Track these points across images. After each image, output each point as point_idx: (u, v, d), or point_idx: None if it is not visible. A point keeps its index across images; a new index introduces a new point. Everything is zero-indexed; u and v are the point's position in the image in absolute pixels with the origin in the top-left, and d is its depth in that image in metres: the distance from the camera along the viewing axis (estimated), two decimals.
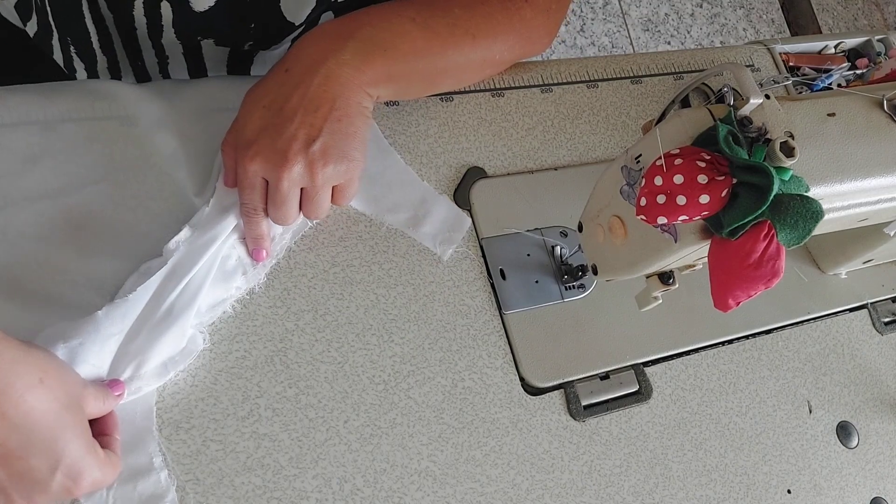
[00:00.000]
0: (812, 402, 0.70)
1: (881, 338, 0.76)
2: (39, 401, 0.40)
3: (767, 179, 0.39)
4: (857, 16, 2.48)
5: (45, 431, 0.40)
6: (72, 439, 0.41)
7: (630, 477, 0.60)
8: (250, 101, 0.54)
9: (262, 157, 0.51)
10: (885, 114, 0.48)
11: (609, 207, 0.52)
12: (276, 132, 0.52)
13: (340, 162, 0.53)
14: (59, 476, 0.41)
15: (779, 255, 0.41)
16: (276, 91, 0.53)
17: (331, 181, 0.53)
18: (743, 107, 0.43)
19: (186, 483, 0.48)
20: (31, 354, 0.41)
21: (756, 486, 0.64)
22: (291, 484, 0.51)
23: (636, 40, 2.06)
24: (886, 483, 0.70)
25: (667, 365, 0.66)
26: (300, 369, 0.54)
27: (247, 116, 0.53)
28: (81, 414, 0.43)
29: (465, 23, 0.59)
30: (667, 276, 0.53)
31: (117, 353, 0.48)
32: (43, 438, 0.40)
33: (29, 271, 0.50)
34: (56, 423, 0.40)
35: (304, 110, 0.52)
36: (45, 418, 0.40)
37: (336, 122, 0.52)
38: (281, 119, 0.52)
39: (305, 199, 0.54)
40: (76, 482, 0.41)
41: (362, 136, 0.54)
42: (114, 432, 0.46)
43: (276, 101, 0.53)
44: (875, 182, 0.46)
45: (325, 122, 0.52)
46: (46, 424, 0.40)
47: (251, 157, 0.51)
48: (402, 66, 0.57)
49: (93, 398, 0.44)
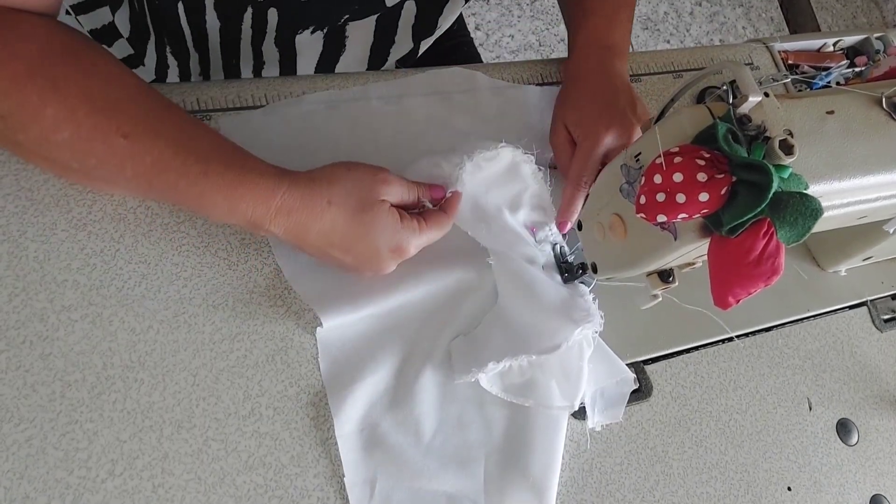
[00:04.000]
0: (812, 399, 0.70)
1: (881, 335, 0.76)
2: (335, 219, 0.50)
3: (767, 177, 0.39)
4: (856, 13, 2.48)
5: (352, 234, 0.51)
6: (377, 229, 0.51)
7: (630, 474, 0.60)
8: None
9: (617, 126, 0.61)
10: (884, 111, 0.48)
11: (609, 205, 0.52)
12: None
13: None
14: (384, 251, 0.52)
15: (778, 252, 0.41)
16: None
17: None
18: (742, 105, 0.43)
19: (188, 482, 0.49)
20: (315, 185, 0.50)
21: (756, 484, 0.64)
22: (293, 483, 0.51)
23: (635, 39, 2.06)
24: (886, 480, 0.70)
25: (667, 363, 0.66)
26: (301, 368, 0.54)
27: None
28: (377, 208, 0.51)
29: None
30: (666, 274, 0.53)
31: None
32: (354, 237, 0.51)
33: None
34: (358, 227, 0.51)
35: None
36: (348, 226, 0.50)
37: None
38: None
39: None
40: (402, 251, 0.53)
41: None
42: (424, 202, 0.57)
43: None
44: (874, 179, 0.46)
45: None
46: (351, 230, 0.51)
47: (606, 128, 0.61)
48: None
49: (385, 191, 0.52)
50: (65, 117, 0.44)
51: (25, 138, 0.45)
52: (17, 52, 0.43)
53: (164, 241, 0.54)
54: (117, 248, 0.53)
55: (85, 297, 0.51)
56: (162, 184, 0.47)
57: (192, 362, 0.52)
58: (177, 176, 0.47)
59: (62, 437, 0.47)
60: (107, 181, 0.48)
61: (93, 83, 0.46)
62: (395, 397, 0.54)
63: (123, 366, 0.50)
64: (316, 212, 0.50)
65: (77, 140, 0.45)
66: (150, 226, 0.54)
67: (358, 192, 0.51)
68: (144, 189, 0.49)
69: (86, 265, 0.52)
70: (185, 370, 0.51)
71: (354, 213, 0.51)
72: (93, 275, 0.52)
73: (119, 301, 0.51)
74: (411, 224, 0.53)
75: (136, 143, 0.46)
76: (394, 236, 0.52)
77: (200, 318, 0.53)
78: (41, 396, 0.48)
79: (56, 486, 0.46)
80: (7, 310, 0.49)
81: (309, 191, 0.50)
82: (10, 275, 0.50)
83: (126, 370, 0.50)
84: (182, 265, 0.54)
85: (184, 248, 0.54)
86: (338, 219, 0.50)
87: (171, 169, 0.47)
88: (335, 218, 0.50)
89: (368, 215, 0.51)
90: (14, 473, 0.45)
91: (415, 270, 0.57)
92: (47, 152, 0.46)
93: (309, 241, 0.51)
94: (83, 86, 0.45)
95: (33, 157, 0.48)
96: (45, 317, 0.49)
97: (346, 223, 0.50)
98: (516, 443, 0.55)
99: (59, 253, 0.51)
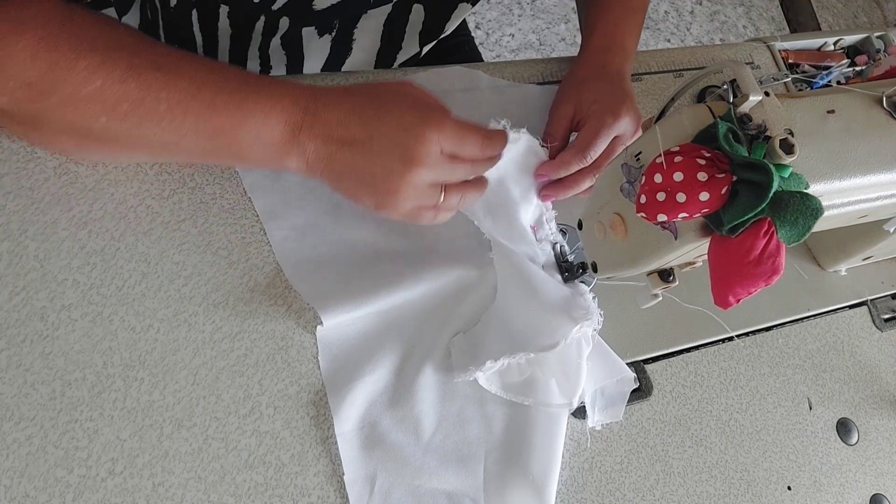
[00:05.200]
0: (812, 398, 0.70)
1: (881, 334, 0.76)
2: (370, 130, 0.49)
3: (767, 177, 0.39)
4: (856, 13, 2.48)
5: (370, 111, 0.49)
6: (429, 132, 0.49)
7: (631, 473, 0.60)
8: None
9: (633, 115, 0.62)
10: (885, 111, 0.48)
11: (609, 205, 0.52)
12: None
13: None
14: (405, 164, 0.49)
15: (779, 252, 0.41)
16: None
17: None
18: (743, 104, 0.43)
19: (188, 481, 0.49)
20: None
21: (756, 483, 0.64)
22: (293, 481, 0.51)
23: None
24: (886, 480, 0.70)
25: (667, 362, 0.66)
26: (301, 367, 0.54)
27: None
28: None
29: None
30: (667, 273, 0.53)
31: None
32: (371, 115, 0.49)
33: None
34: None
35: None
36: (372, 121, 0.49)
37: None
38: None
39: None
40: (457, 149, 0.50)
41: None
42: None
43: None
44: (874, 179, 0.46)
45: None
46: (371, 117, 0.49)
47: (626, 112, 0.62)
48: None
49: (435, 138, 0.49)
50: (98, 65, 0.45)
51: (48, 104, 0.46)
52: (38, 18, 0.44)
53: (165, 239, 0.54)
54: (118, 247, 0.53)
55: (85, 296, 0.51)
56: (198, 106, 0.47)
57: (193, 361, 0.52)
58: (214, 92, 0.48)
59: (62, 435, 0.47)
60: (135, 128, 0.47)
61: (116, 32, 0.47)
62: (395, 395, 0.54)
63: (124, 364, 0.50)
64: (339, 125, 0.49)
65: (110, 85, 0.45)
66: (151, 224, 0.54)
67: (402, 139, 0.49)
68: (178, 124, 0.48)
69: (86, 264, 0.52)
70: (185, 369, 0.51)
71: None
72: (93, 273, 0.52)
73: (119, 300, 0.52)
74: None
75: (169, 72, 0.47)
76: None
77: (201, 316, 0.53)
78: (41, 395, 0.48)
79: (56, 485, 0.46)
80: (7, 308, 0.49)
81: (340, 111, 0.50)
82: (11, 273, 0.50)
83: (126, 369, 0.50)
84: (182, 264, 0.54)
85: (184, 246, 0.55)
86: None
87: (210, 84, 0.48)
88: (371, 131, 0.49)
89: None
90: (14, 472, 0.45)
91: (415, 269, 0.57)
92: (72, 113, 0.46)
93: (342, 155, 0.49)
94: (109, 35, 0.46)
95: (49, 127, 0.48)
96: (45, 315, 0.49)
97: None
98: (516, 440, 0.55)
99: (59, 251, 0.51)
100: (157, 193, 0.55)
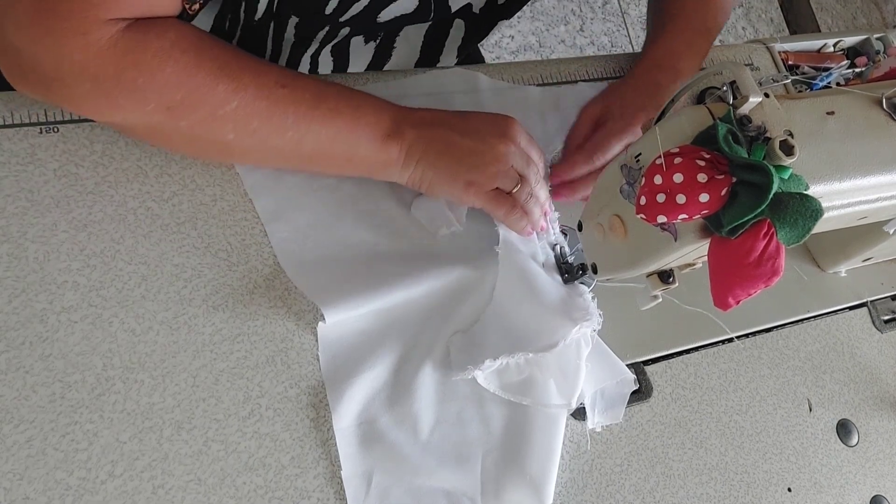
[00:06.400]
0: (812, 400, 0.70)
1: (881, 336, 0.76)
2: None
3: (767, 178, 0.39)
4: (855, 14, 2.48)
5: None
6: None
7: (631, 475, 0.60)
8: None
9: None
10: (884, 112, 0.48)
11: (609, 206, 0.52)
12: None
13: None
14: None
15: (778, 253, 0.41)
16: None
17: None
18: (742, 105, 0.43)
19: (188, 483, 0.49)
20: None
21: (756, 485, 0.64)
22: (293, 483, 0.51)
23: (636, 39, 2.06)
24: (886, 481, 0.70)
25: (667, 363, 0.66)
26: (301, 369, 0.54)
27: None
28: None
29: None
30: (666, 274, 0.53)
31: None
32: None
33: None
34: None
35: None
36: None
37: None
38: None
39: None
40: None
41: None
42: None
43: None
44: (874, 180, 0.46)
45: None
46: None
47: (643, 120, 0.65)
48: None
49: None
50: (233, 89, 0.50)
51: (187, 124, 0.50)
52: (178, 47, 0.48)
53: (165, 242, 0.54)
54: (117, 250, 0.53)
55: (85, 299, 0.51)
56: (322, 114, 0.53)
57: (193, 363, 0.52)
58: (336, 99, 0.54)
59: (62, 438, 0.47)
60: (260, 141, 0.52)
61: (236, 53, 0.52)
62: (394, 393, 0.54)
63: (123, 367, 0.50)
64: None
65: (243, 105, 0.50)
66: (151, 227, 0.54)
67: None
68: (301, 133, 0.53)
69: (86, 266, 0.52)
70: (185, 371, 0.51)
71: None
72: (93, 276, 0.52)
73: (119, 302, 0.51)
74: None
75: (293, 88, 0.52)
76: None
77: (201, 319, 0.53)
78: (41, 397, 0.48)
79: (56, 487, 0.46)
80: (7, 311, 0.49)
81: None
82: (11, 276, 0.50)
83: (126, 371, 0.50)
84: (182, 266, 0.54)
85: (184, 248, 0.55)
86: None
87: (330, 95, 0.54)
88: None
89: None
90: (14, 474, 0.45)
91: (416, 269, 0.57)
92: (207, 131, 0.51)
93: (438, 134, 0.56)
94: (238, 60, 0.51)
95: (174, 140, 0.53)
96: (45, 318, 0.49)
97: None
98: (515, 440, 0.55)
99: (59, 254, 0.51)
100: (157, 195, 0.55)
